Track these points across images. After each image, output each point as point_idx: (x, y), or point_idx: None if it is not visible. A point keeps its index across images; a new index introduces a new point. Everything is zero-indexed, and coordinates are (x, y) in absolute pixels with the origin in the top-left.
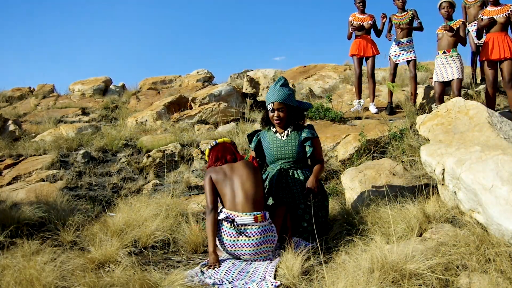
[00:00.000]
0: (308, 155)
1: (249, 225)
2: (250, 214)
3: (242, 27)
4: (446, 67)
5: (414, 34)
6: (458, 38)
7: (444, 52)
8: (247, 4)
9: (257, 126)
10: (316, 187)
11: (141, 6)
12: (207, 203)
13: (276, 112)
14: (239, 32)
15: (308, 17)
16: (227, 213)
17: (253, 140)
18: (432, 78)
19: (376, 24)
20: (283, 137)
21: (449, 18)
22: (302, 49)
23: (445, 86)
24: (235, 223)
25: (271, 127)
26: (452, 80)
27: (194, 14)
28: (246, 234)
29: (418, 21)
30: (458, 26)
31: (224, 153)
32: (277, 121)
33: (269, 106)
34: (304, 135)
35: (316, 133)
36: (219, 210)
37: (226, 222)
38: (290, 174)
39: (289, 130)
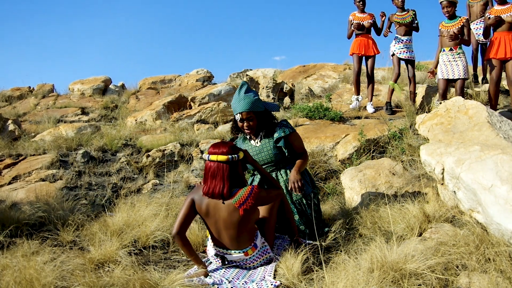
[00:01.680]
0: (286, 154)
1: (241, 259)
2: (240, 252)
3: (243, 27)
4: (452, 64)
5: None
6: (462, 41)
7: (450, 49)
8: (248, 4)
9: None
10: (299, 180)
11: (141, 6)
12: (175, 224)
13: (245, 122)
14: (239, 31)
15: (308, 16)
16: (216, 249)
17: None
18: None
19: (376, 23)
20: (257, 143)
21: (450, 17)
22: (302, 49)
23: (449, 83)
24: (226, 261)
25: (244, 135)
26: (458, 79)
27: (194, 13)
28: (239, 268)
29: (416, 21)
30: (462, 24)
31: (212, 181)
32: (248, 131)
33: (237, 116)
34: (276, 135)
35: (290, 128)
36: (207, 239)
37: (215, 256)
38: (274, 176)
39: (262, 135)
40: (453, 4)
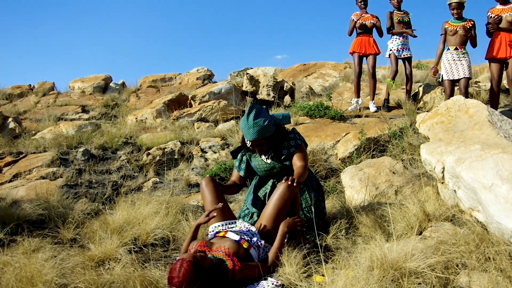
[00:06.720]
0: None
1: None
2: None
3: (244, 25)
4: (457, 64)
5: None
6: (471, 39)
7: (456, 49)
8: (250, 2)
9: None
10: (292, 181)
11: (141, 4)
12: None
13: (256, 147)
14: (240, 30)
15: (311, 15)
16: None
17: (240, 160)
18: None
19: (377, 24)
20: (267, 159)
21: (459, 18)
22: (304, 47)
23: (454, 83)
24: None
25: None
26: (461, 78)
27: (195, 11)
28: None
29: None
30: (470, 25)
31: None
32: (260, 153)
33: (248, 142)
34: (284, 152)
35: (299, 141)
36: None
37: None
38: None
39: (271, 153)
40: (462, 5)
